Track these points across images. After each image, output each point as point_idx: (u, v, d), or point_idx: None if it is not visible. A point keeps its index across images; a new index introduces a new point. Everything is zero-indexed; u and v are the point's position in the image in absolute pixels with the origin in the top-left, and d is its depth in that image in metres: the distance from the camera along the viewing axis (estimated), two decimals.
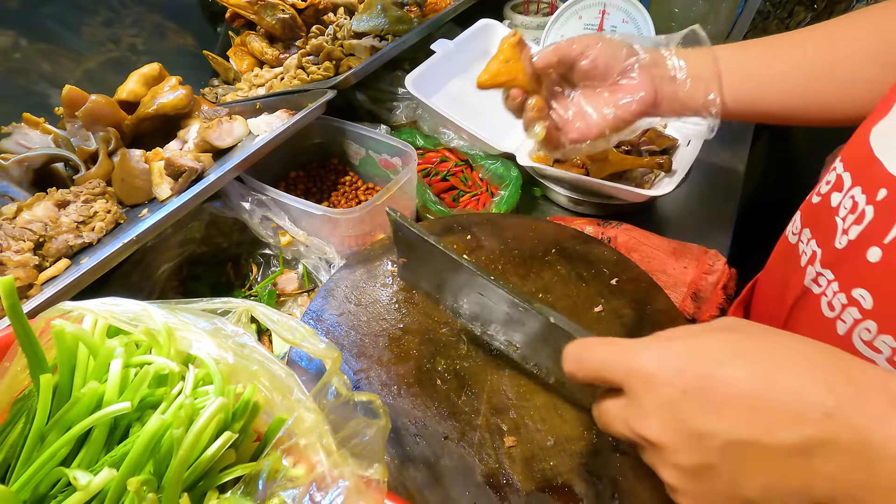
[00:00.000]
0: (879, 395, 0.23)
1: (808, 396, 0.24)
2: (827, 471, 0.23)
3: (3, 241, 0.52)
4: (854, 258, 0.38)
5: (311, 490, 0.28)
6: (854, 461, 0.23)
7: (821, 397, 0.24)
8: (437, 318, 0.53)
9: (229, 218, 0.67)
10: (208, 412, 0.28)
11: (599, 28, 1.00)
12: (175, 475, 0.27)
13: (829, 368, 0.25)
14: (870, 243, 0.37)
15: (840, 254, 0.39)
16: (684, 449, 0.26)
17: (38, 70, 0.80)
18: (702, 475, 0.26)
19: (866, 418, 0.23)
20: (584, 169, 0.77)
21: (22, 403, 0.33)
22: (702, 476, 0.26)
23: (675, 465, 0.27)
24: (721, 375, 0.26)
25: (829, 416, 0.23)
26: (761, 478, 0.25)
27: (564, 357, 0.34)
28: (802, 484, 0.24)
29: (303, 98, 0.73)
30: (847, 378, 0.24)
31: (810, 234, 0.45)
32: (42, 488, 0.29)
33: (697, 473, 0.26)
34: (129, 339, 0.34)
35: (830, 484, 0.23)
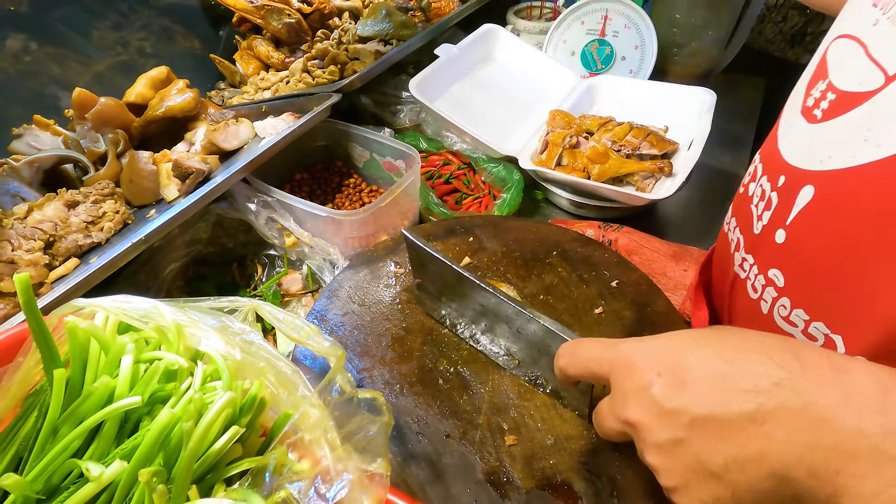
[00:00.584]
0: (823, 366, 0.26)
1: (760, 371, 0.27)
2: (779, 435, 0.25)
3: (15, 240, 0.53)
4: (767, 241, 0.41)
5: (316, 483, 0.29)
6: (802, 424, 0.25)
7: (771, 371, 0.26)
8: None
9: (235, 219, 0.68)
10: (217, 406, 0.29)
11: (602, 33, 1.01)
12: (185, 467, 0.27)
13: (778, 349, 0.27)
14: (776, 226, 0.40)
15: (757, 238, 0.43)
16: (658, 426, 0.29)
17: (49, 73, 0.81)
18: (675, 451, 0.29)
19: (811, 385, 0.25)
20: (585, 172, 0.78)
21: (34, 398, 0.34)
22: (675, 452, 0.29)
23: (653, 443, 0.30)
24: (688, 360, 0.29)
25: (779, 386, 0.26)
26: (723, 448, 0.27)
27: (558, 355, 0.37)
28: (759, 449, 0.26)
29: (308, 101, 0.75)
30: (794, 355, 0.27)
31: (735, 222, 0.48)
32: (55, 479, 0.30)
33: (672, 449, 0.29)
34: (140, 335, 0.35)
35: (783, 447, 0.25)
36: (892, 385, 0.24)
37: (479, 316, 0.48)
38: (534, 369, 0.46)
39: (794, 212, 0.38)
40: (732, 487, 0.27)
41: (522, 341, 0.45)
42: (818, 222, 0.37)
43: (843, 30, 0.39)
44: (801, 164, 0.38)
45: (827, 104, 0.37)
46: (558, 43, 1.05)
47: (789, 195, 0.39)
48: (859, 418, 0.24)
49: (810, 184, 0.37)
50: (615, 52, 1.02)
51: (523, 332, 0.44)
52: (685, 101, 0.88)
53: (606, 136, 0.80)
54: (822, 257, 0.36)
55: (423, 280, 0.52)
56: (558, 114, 0.85)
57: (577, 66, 1.05)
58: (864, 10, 0.36)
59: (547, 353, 0.43)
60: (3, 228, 0.54)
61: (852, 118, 0.34)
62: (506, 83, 0.98)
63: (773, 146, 0.43)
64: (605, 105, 0.96)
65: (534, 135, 0.86)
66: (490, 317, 0.47)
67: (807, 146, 0.38)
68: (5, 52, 0.77)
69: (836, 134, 0.35)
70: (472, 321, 0.50)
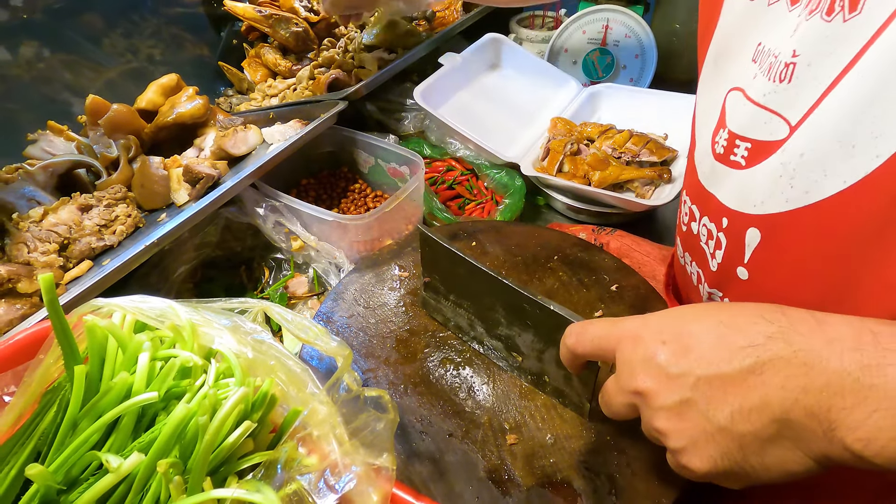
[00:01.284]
0: (808, 320, 0.29)
1: (754, 329, 0.29)
2: (776, 381, 0.27)
3: (31, 242, 0.55)
4: (730, 278, 0.43)
5: (325, 476, 0.30)
6: (795, 370, 0.27)
7: (764, 327, 0.29)
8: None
9: (243, 223, 0.69)
10: (231, 401, 0.30)
11: (603, 43, 1.03)
12: (201, 459, 0.29)
13: (768, 310, 0.30)
14: (736, 264, 0.42)
15: (718, 275, 0.45)
16: (666, 390, 0.31)
17: (62, 79, 0.83)
18: (683, 412, 0.30)
19: (799, 336, 0.28)
20: (585, 179, 0.79)
21: (52, 394, 0.35)
22: (683, 412, 0.30)
23: (661, 407, 0.31)
24: (691, 327, 0.31)
25: (771, 338, 0.28)
26: (728, 402, 0.29)
27: (565, 335, 0.38)
28: (760, 398, 0.28)
29: (315, 108, 0.76)
30: (782, 312, 0.30)
31: (690, 257, 0.50)
32: (74, 471, 0.31)
33: (679, 411, 0.30)
34: (155, 334, 0.37)
35: (781, 393, 0.27)
36: (863, 328, 0.27)
37: (486, 311, 0.49)
38: (537, 364, 0.47)
39: (747, 252, 0.40)
40: (739, 439, 0.29)
41: (529, 333, 0.46)
42: (775, 259, 0.38)
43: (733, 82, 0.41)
44: (738, 208, 0.40)
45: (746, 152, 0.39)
46: (560, 51, 1.07)
47: (737, 236, 0.41)
48: (841, 359, 0.26)
49: (754, 226, 0.39)
50: (616, 61, 1.04)
51: (530, 324, 0.45)
52: (685, 109, 0.90)
53: (607, 143, 0.82)
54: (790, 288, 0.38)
55: (432, 279, 0.53)
56: (560, 121, 0.87)
57: (578, 75, 1.07)
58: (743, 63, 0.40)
59: (553, 344, 0.43)
60: (19, 231, 0.55)
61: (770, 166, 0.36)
62: (508, 91, 1.00)
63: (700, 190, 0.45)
64: (605, 113, 0.98)
65: (536, 142, 0.88)
66: (499, 310, 0.47)
67: (739, 191, 0.40)
68: (20, 58, 0.79)
69: (763, 180, 0.37)
70: (478, 319, 0.50)
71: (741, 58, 0.41)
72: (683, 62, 1.07)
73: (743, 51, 0.40)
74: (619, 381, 0.34)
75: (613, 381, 0.35)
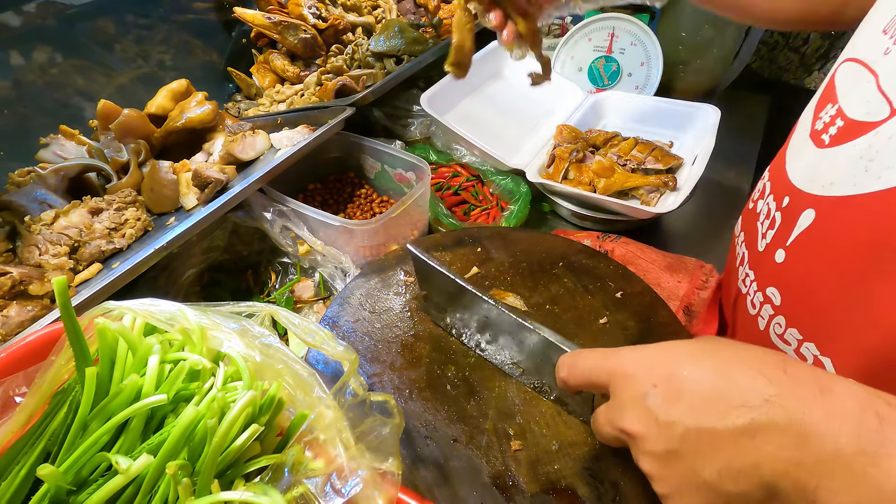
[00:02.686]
0: (810, 385, 0.27)
1: (751, 387, 0.28)
2: (768, 450, 0.26)
3: (42, 245, 0.55)
4: (767, 260, 0.42)
5: (331, 480, 0.30)
6: (789, 440, 0.26)
7: (762, 387, 0.27)
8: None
9: (250, 227, 0.70)
10: (239, 404, 0.30)
11: (608, 50, 1.03)
12: (209, 461, 0.29)
13: (769, 365, 0.29)
14: (778, 246, 0.41)
15: (760, 256, 0.44)
16: (654, 437, 0.30)
17: (74, 85, 0.85)
18: (670, 461, 0.30)
19: (798, 403, 0.27)
20: (591, 186, 0.79)
21: (61, 396, 0.35)
22: (670, 462, 0.30)
23: (648, 452, 0.31)
24: (683, 371, 0.30)
25: (769, 402, 0.27)
26: (717, 460, 0.28)
27: (558, 367, 0.38)
28: (750, 462, 0.27)
29: (322, 114, 0.77)
30: (784, 372, 0.28)
31: (743, 237, 0.49)
32: (84, 472, 0.31)
33: (666, 459, 0.30)
34: (164, 337, 0.37)
35: (772, 462, 0.26)
36: (869, 406, 0.26)
37: (482, 326, 0.50)
38: (538, 377, 0.48)
39: (794, 233, 0.39)
40: (725, 497, 0.28)
41: (525, 351, 0.47)
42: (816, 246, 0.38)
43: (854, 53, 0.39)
44: (805, 188, 0.39)
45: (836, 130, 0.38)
46: (566, 59, 1.07)
47: (792, 216, 0.40)
48: (837, 439, 0.25)
49: (812, 208, 0.38)
50: (621, 69, 1.04)
51: (525, 342, 0.46)
52: (690, 117, 0.90)
53: (612, 150, 0.82)
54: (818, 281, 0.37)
55: (428, 292, 0.54)
56: (565, 128, 0.87)
57: (584, 82, 1.07)
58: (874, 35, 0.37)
59: (549, 362, 0.44)
60: (31, 234, 0.56)
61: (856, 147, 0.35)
62: (514, 98, 1.01)
63: (780, 166, 0.44)
64: (611, 120, 0.98)
65: (541, 149, 0.88)
66: (493, 327, 0.48)
67: (812, 170, 0.39)
68: (32, 64, 0.80)
69: (841, 161, 0.36)
70: (477, 331, 0.51)
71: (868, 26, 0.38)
72: (689, 70, 1.07)
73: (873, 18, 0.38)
74: (610, 415, 0.34)
75: (605, 411, 0.35)
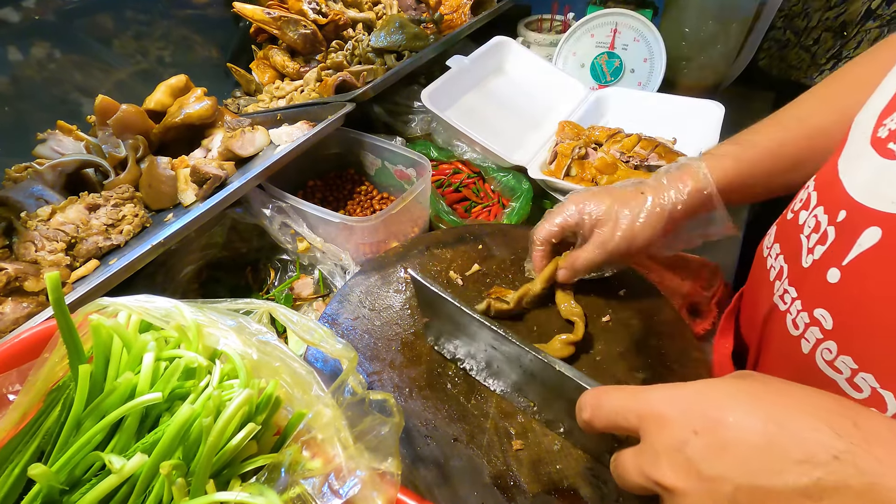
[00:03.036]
0: (887, 439, 0.24)
1: (816, 439, 0.24)
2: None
3: (38, 241, 0.55)
4: (816, 278, 0.38)
5: (329, 480, 0.29)
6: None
7: (829, 440, 0.24)
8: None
9: (249, 224, 0.69)
10: (235, 403, 0.30)
11: (611, 46, 1.02)
12: (204, 461, 0.28)
13: (835, 413, 0.25)
14: (830, 264, 0.37)
15: (805, 272, 0.40)
16: (697, 494, 0.26)
17: (72, 80, 0.84)
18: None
19: (876, 462, 0.23)
20: (593, 183, 0.78)
21: (56, 394, 0.35)
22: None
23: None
24: (728, 417, 0.26)
25: (838, 460, 0.23)
26: None
27: (580, 406, 0.34)
28: None
29: (322, 110, 0.76)
30: (854, 423, 0.24)
31: (779, 249, 0.45)
32: (77, 471, 0.31)
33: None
34: (160, 334, 0.36)
35: None
36: None
37: (490, 358, 0.47)
38: (549, 412, 0.45)
39: (853, 252, 0.35)
40: None
41: (537, 384, 0.44)
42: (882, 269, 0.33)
43: None
44: (867, 202, 0.35)
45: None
46: (568, 55, 1.06)
47: (850, 233, 0.35)
48: None
49: (876, 225, 0.34)
50: (624, 65, 1.03)
51: (537, 376, 0.43)
52: (694, 113, 0.89)
53: (615, 147, 0.81)
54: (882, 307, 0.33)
55: (430, 319, 0.50)
56: (567, 125, 0.87)
57: (586, 78, 1.06)
58: None
59: (563, 397, 0.41)
60: (27, 230, 0.55)
61: None
62: (516, 94, 1.00)
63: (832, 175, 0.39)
64: (613, 117, 0.98)
65: (543, 145, 0.88)
66: (501, 359, 0.45)
67: (876, 183, 0.35)
68: (31, 59, 0.79)
69: None
70: (483, 361, 0.48)
71: None
72: (693, 66, 1.06)
73: None
74: (641, 462, 0.30)
75: (633, 456, 0.31)
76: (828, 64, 1.06)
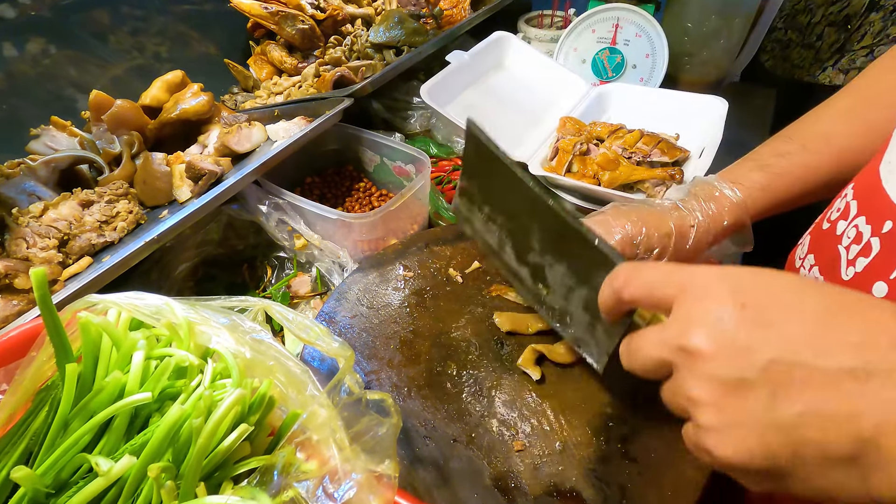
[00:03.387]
0: None
1: (875, 325, 0.23)
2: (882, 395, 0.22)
3: (30, 238, 0.54)
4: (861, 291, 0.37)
5: (324, 483, 0.28)
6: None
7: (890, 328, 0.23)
8: (448, 323, 0.53)
9: (246, 220, 0.68)
10: (226, 403, 0.29)
11: (613, 42, 1.01)
12: (194, 463, 0.27)
13: None
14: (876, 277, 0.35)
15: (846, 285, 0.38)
16: (724, 358, 0.25)
17: (67, 76, 0.83)
18: (735, 390, 0.25)
19: None
20: (595, 179, 0.77)
21: (45, 393, 0.34)
22: (735, 391, 0.25)
23: (709, 375, 0.26)
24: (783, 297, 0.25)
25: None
26: (803, 399, 0.23)
27: (611, 276, 0.32)
28: (851, 409, 0.22)
29: (320, 105, 0.75)
30: None
31: (814, 260, 0.43)
32: (64, 474, 0.30)
33: (731, 387, 0.25)
34: (151, 332, 0.35)
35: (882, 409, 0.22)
36: None
37: (520, 232, 0.43)
38: (562, 302, 0.41)
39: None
40: (797, 445, 0.23)
41: (563, 265, 0.40)
42: None
43: None
44: None
45: None
46: (569, 51, 1.05)
47: None
48: None
49: None
50: (626, 61, 1.02)
51: (568, 254, 0.39)
52: (697, 109, 0.88)
53: (617, 143, 0.80)
54: None
55: (469, 184, 0.48)
56: (569, 120, 0.85)
57: (587, 74, 1.05)
58: None
59: (586, 284, 0.38)
60: (18, 226, 0.54)
61: None
62: (516, 90, 0.99)
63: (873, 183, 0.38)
64: (615, 112, 0.96)
65: (544, 141, 0.86)
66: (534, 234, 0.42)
67: None
68: (25, 55, 0.78)
69: None
70: (509, 238, 0.45)
71: None
72: (695, 62, 1.05)
73: None
74: (665, 332, 0.28)
75: (654, 331, 0.29)
76: (831, 59, 1.05)
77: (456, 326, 0.53)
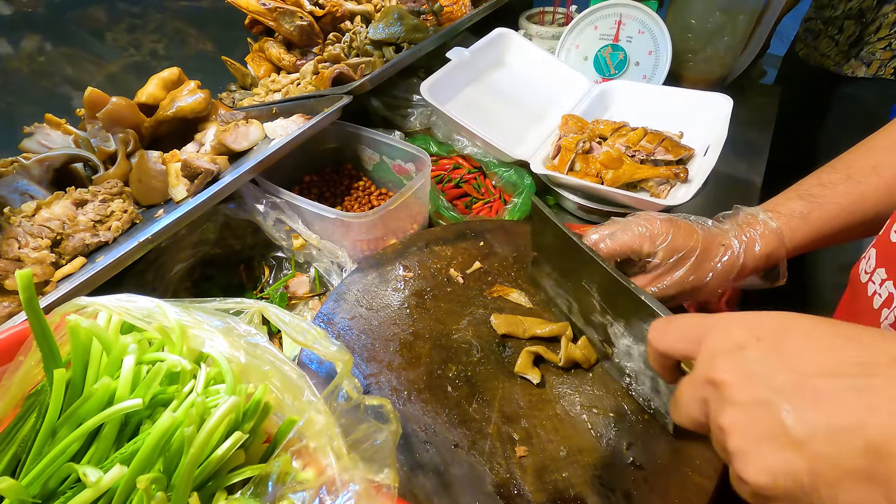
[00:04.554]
0: None
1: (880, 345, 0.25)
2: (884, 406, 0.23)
3: (22, 238, 0.53)
4: None
5: (320, 494, 0.27)
6: None
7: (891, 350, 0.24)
8: (449, 324, 0.52)
9: (243, 220, 0.67)
10: (220, 411, 0.28)
11: (615, 39, 1.00)
12: (185, 474, 0.26)
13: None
14: None
15: None
16: (742, 384, 0.27)
17: (62, 73, 0.82)
18: (754, 410, 0.26)
19: None
20: (598, 178, 0.76)
21: (34, 398, 0.33)
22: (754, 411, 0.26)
23: (732, 401, 0.27)
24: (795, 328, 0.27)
25: None
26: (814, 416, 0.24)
27: (652, 328, 0.34)
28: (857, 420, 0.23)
29: (319, 103, 0.74)
30: None
31: (885, 274, 0.42)
32: (51, 484, 0.29)
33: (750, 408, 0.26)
34: (143, 336, 0.34)
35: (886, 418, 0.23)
36: None
37: (583, 294, 0.47)
38: (627, 360, 0.44)
39: None
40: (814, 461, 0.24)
41: (621, 323, 0.43)
42: None
43: None
44: None
45: None
46: (571, 48, 1.04)
47: None
48: None
49: None
50: (629, 58, 1.01)
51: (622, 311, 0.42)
52: (701, 106, 0.87)
53: (620, 141, 0.79)
54: None
55: (539, 254, 0.53)
56: (571, 118, 0.84)
57: (589, 72, 1.04)
58: None
59: (641, 340, 0.41)
60: (10, 226, 0.53)
61: None
62: (517, 87, 0.98)
63: None
64: (618, 110, 0.95)
65: (546, 139, 0.85)
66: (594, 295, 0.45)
67: None
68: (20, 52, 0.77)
69: None
70: (575, 301, 0.49)
71: None
72: (699, 59, 1.04)
73: None
74: (695, 372, 0.30)
75: (688, 376, 0.31)
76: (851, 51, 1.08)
77: (457, 328, 0.52)
